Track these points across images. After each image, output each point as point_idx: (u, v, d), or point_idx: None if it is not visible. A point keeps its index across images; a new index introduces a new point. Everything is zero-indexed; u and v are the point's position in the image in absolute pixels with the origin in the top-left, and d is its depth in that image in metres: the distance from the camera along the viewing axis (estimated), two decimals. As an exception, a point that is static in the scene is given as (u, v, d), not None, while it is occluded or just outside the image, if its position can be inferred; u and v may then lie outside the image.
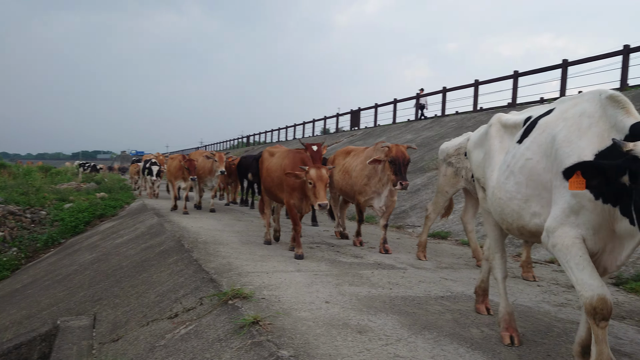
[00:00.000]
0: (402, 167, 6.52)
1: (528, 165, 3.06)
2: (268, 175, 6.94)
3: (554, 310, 4.30)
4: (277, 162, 6.76)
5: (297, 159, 6.38)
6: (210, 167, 11.97)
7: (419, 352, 3.10)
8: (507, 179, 3.23)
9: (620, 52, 13.84)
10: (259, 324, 3.44)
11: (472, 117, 18.31)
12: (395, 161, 6.53)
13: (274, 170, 6.74)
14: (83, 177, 31.18)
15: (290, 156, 6.55)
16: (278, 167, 6.62)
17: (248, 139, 51.47)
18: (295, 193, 6.27)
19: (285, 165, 6.39)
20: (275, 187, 6.72)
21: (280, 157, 6.77)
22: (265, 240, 7.24)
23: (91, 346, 4.46)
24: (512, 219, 3.21)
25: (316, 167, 5.96)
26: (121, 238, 9.44)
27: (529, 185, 3.05)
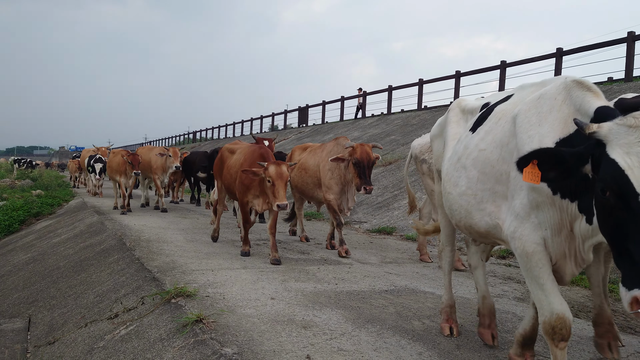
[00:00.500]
0: (366, 170, 6.04)
1: (481, 158, 2.74)
2: (227, 172, 6.51)
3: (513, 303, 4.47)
4: (238, 158, 6.33)
5: (256, 154, 5.92)
6: (163, 163, 11.43)
7: (362, 345, 3.15)
8: (457, 172, 2.93)
9: (554, 55, 14.55)
10: (202, 322, 3.40)
11: (416, 115, 18.74)
12: (359, 163, 6.03)
13: (233, 167, 6.34)
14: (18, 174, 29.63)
15: (247, 152, 6.16)
16: (237, 165, 6.19)
17: (194, 134, 50.49)
18: (251, 190, 5.86)
19: (242, 162, 6.00)
20: (233, 184, 6.31)
21: (241, 154, 6.36)
22: (212, 236, 7.14)
23: (25, 349, 4.27)
24: (461, 216, 2.96)
25: (276, 164, 5.44)
26: (59, 237, 9.05)
27: (482, 180, 2.73)
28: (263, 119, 35.66)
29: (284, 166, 5.44)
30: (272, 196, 5.38)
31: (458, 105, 3.49)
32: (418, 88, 20.11)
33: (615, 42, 13.14)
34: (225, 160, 6.79)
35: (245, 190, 5.91)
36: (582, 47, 14.03)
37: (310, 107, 29.72)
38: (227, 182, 6.57)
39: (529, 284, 2.44)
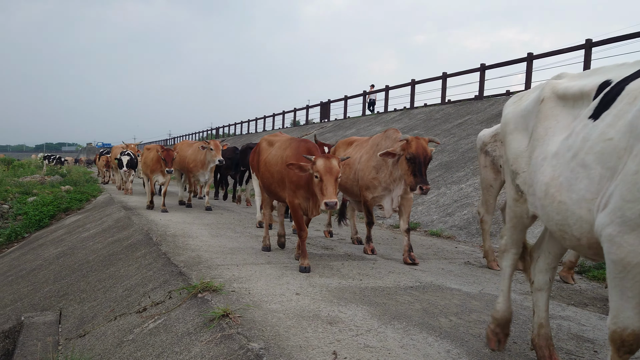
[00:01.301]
0: (422, 167, 5.35)
1: (608, 150, 2.12)
2: (267, 169, 5.72)
3: (520, 298, 4.41)
4: (278, 153, 5.55)
5: (302, 148, 5.23)
6: (203, 158, 10.54)
7: (388, 342, 3.13)
8: (572, 173, 2.31)
9: (583, 46, 14.20)
10: (229, 316, 3.42)
11: (440, 109, 18.54)
12: (414, 159, 5.35)
13: (274, 163, 5.56)
14: (48, 170, 30.34)
15: (293, 145, 5.41)
16: (279, 160, 5.45)
17: (217, 130, 50.92)
18: (301, 191, 5.14)
19: (287, 157, 5.28)
20: (276, 184, 5.53)
21: (281, 148, 5.60)
22: (263, 246, 6.13)
23: (57, 342, 4.36)
24: (581, 231, 2.27)
25: (324, 157, 4.83)
26: (87, 232, 9.23)
27: (606, 176, 2.12)
28: (285, 115, 35.74)
29: (333, 160, 4.82)
30: (320, 193, 4.73)
31: (554, 91, 2.72)
32: (442, 82, 19.88)
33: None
34: (262, 153, 5.98)
35: (295, 190, 5.18)
36: (613, 38, 13.65)
37: (332, 102, 29.66)
38: (266, 180, 5.79)
39: (612, 289, 2.08)
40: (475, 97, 18.24)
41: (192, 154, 10.83)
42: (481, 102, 16.98)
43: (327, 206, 4.61)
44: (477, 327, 3.52)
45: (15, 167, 30.67)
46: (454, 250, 6.82)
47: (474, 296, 4.42)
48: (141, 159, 11.70)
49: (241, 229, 8.03)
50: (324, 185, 4.70)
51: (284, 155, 5.39)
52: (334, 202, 4.60)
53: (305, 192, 5.12)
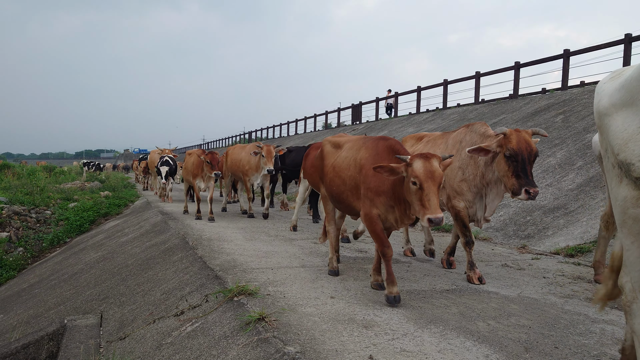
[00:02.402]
0: (527, 165, 4.38)
1: None
2: (336, 175, 4.71)
3: (561, 302, 4.29)
4: (350, 155, 4.61)
5: (381, 147, 4.26)
6: (257, 162, 9.72)
7: (425, 346, 3.10)
8: None
9: (622, 41, 13.74)
10: (264, 320, 3.44)
11: (474, 109, 18.25)
12: (516, 156, 4.39)
13: (345, 167, 4.59)
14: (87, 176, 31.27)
15: (369, 144, 4.43)
16: (351, 163, 4.51)
17: (250, 134, 51.47)
18: (382, 198, 4.14)
19: (363, 158, 4.35)
20: (348, 192, 4.54)
21: (353, 149, 4.63)
22: (330, 270, 5.08)
23: (98, 345, 4.48)
24: None
25: (424, 158, 3.75)
26: (126, 236, 9.47)
27: None
28: (317, 117, 35.85)
29: (435, 161, 3.75)
30: (419, 205, 3.66)
31: None
32: (475, 81, 19.57)
33: (692, 24, 12.25)
34: (327, 157, 5.04)
35: (374, 198, 4.17)
36: (654, 31, 13.17)
37: (364, 104, 29.59)
38: (335, 189, 4.76)
39: None
40: (509, 96, 17.88)
41: (247, 156, 10.13)
42: (516, 100, 16.63)
43: (432, 223, 3.58)
44: (517, 332, 3.44)
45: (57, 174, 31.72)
46: (491, 252, 6.69)
47: (513, 299, 4.32)
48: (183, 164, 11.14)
49: (275, 232, 8.08)
50: (424, 195, 3.63)
51: (357, 157, 4.45)
52: (439, 218, 3.57)
53: (388, 200, 4.13)
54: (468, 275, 4.95)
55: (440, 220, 3.59)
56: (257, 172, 9.81)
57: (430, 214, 3.60)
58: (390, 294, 3.98)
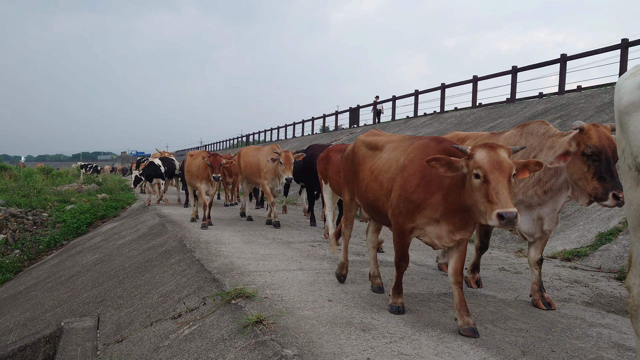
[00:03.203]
0: (611, 165, 3.75)
1: None
2: (374, 179, 4.05)
3: (558, 305, 4.30)
4: (392, 157, 3.95)
5: (435, 151, 3.55)
6: (275, 167, 9.03)
7: (423, 350, 3.10)
8: None
9: (619, 46, 13.82)
10: (262, 323, 3.45)
11: (471, 112, 18.30)
12: (599, 154, 3.75)
13: (386, 170, 3.93)
14: (84, 179, 31.22)
15: (418, 147, 3.73)
16: (393, 166, 3.84)
17: (247, 137, 51.47)
18: (427, 211, 3.50)
19: (407, 161, 3.69)
20: (385, 199, 3.90)
21: (397, 150, 3.97)
22: (338, 274, 4.85)
23: (95, 347, 4.47)
24: None
25: (488, 148, 3.21)
26: (123, 239, 9.45)
27: None
28: (314, 121, 35.87)
29: (502, 151, 3.20)
30: (485, 201, 3.09)
31: None
32: (472, 85, 19.64)
33: (688, 29, 12.33)
34: (364, 161, 4.35)
35: (414, 210, 3.55)
36: (650, 36, 13.24)
37: (362, 107, 29.63)
38: (371, 195, 4.10)
39: None
40: (507, 100, 17.94)
41: (264, 159, 9.33)
42: (513, 105, 16.69)
43: (503, 220, 2.95)
44: (514, 335, 3.45)
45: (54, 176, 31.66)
46: (488, 256, 6.70)
47: (510, 303, 4.33)
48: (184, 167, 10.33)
49: (273, 235, 8.08)
50: (491, 188, 3.06)
51: (401, 159, 3.79)
52: (512, 214, 2.94)
53: (433, 212, 3.48)
54: (466, 278, 4.90)
55: (514, 217, 2.94)
56: (275, 177, 9.14)
57: (501, 208, 2.96)
58: (395, 303, 3.88)
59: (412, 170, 3.59)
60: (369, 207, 4.28)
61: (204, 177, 9.18)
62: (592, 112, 11.56)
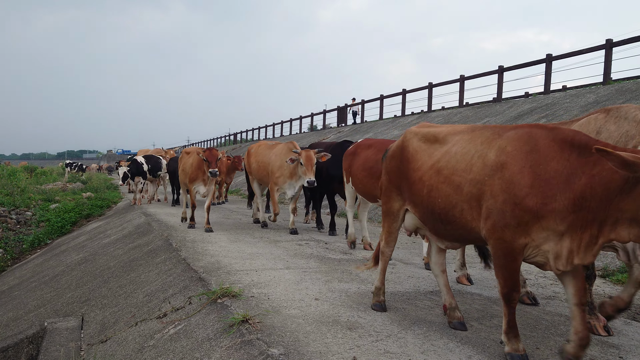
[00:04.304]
0: None
1: None
2: (443, 180, 3.26)
3: (542, 302, 4.34)
4: (469, 151, 3.18)
5: (546, 141, 2.82)
6: (293, 167, 7.93)
7: (409, 348, 3.11)
8: None
9: (603, 47, 13.97)
10: (248, 322, 3.43)
11: (458, 112, 18.40)
12: None
13: (462, 169, 3.16)
14: (69, 177, 30.87)
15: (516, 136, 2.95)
16: (476, 162, 3.08)
17: (235, 136, 51.26)
18: (549, 220, 2.72)
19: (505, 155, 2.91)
20: (464, 207, 3.11)
21: (474, 142, 3.20)
22: (375, 303, 3.94)
23: (79, 348, 4.42)
24: None
25: None
26: (108, 238, 9.36)
27: None
28: (302, 119, 35.83)
29: None
30: None
31: None
32: (459, 84, 19.74)
33: (670, 31, 12.50)
34: (419, 157, 3.57)
35: (530, 220, 2.76)
36: (634, 37, 13.40)
37: (349, 106, 29.67)
38: (438, 201, 3.27)
39: None
40: (493, 100, 18.06)
41: (277, 159, 8.22)
42: (500, 104, 16.81)
43: None
44: (499, 333, 3.47)
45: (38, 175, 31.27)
46: (474, 254, 6.74)
47: (495, 301, 4.36)
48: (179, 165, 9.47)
49: (260, 234, 8.05)
50: None
51: (489, 153, 3.02)
52: None
53: (559, 222, 2.69)
54: (458, 277, 5.02)
55: None
56: (292, 180, 8.03)
57: None
58: (516, 351, 2.95)
59: (518, 167, 2.81)
60: (435, 217, 3.36)
61: (200, 177, 8.35)
62: (577, 111, 11.68)
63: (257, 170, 8.92)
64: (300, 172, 7.71)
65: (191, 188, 8.51)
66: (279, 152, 8.24)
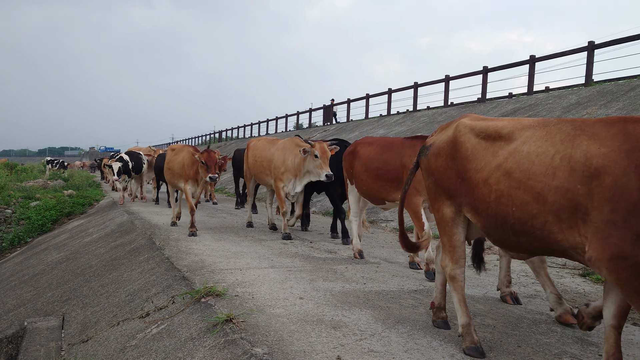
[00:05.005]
0: None
1: None
2: (518, 185, 2.74)
3: (524, 301, 4.38)
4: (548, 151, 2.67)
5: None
6: (299, 163, 7.26)
7: (393, 347, 3.12)
8: None
9: (585, 49, 14.17)
10: (232, 321, 3.41)
11: (443, 111, 18.52)
12: None
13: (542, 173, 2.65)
14: (50, 175, 30.42)
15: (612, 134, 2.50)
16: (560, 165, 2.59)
17: (220, 134, 50.99)
18: None
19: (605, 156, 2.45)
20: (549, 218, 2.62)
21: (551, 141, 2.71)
22: (469, 346, 3.09)
23: (60, 347, 4.36)
24: None
25: None
26: (90, 236, 9.24)
27: None
28: (288, 118, 35.77)
29: None
30: None
31: None
32: (444, 84, 19.87)
33: (650, 34, 12.72)
34: (479, 155, 3.07)
35: None
36: (615, 40, 13.61)
37: (335, 105, 29.69)
38: (512, 211, 2.76)
39: None
40: (478, 100, 18.21)
41: (280, 154, 7.63)
42: (484, 104, 16.96)
43: None
44: (481, 331, 3.50)
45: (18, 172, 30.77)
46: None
47: (478, 300, 4.40)
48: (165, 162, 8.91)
49: (244, 233, 8.02)
50: None
51: (578, 153, 2.54)
52: None
53: None
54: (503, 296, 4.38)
55: None
56: (297, 177, 7.38)
57: None
58: None
59: (621, 169, 2.37)
60: (506, 228, 2.84)
61: (190, 176, 7.85)
62: (560, 112, 11.83)
63: (255, 167, 8.30)
64: (313, 165, 6.99)
65: (186, 189, 7.96)
66: (282, 148, 7.65)
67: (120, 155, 13.92)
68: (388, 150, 5.25)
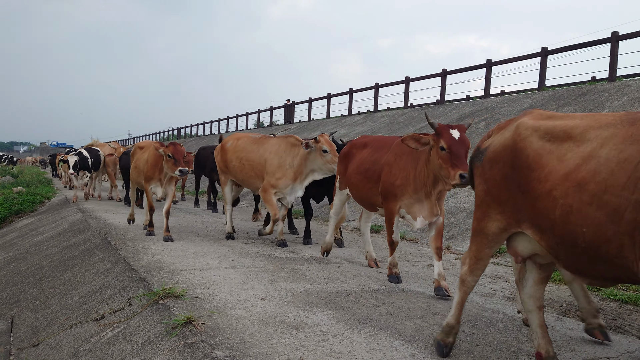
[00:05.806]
0: None
1: None
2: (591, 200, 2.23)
3: (481, 300, 4.48)
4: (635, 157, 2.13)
5: None
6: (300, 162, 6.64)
7: (355, 347, 3.12)
8: None
9: (539, 54, 14.66)
10: (192, 324, 3.33)
11: (403, 112, 18.77)
12: None
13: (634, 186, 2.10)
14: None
15: None
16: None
17: (179, 131, 50.05)
18: None
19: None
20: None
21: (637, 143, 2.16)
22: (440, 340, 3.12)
23: (8, 352, 4.17)
24: None
25: None
26: (41, 235, 8.88)
27: None
28: (249, 116, 35.46)
29: None
30: None
31: None
32: (404, 86, 20.14)
33: (599, 42, 13.27)
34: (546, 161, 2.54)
35: None
36: (567, 46, 14.17)
37: (297, 104, 29.64)
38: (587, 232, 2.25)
39: None
40: (436, 102, 18.55)
41: (274, 157, 6.78)
42: (442, 106, 17.29)
43: None
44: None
45: (-37, 167, 29.32)
46: (417, 253, 6.90)
47: (438, 299, 4.46)
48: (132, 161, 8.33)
49: (204, 232, 7.89)
50: None
51: None
52: None
53: None
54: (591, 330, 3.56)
55: None
56: (297, 180, 6.68)
57: None
58: None
59: None
60: (575, 251, 2.36)
61: (157, 176, 7.08)
62: (515, 115, 12.17)
63: (242, 171, 7.17)
64: (322, 162, 6.38)
65: (147, 188, 7.24)
66: (278, 149, 6.80)
67: (80, 150, 13.60)
68: (379, 151, 4.98)
